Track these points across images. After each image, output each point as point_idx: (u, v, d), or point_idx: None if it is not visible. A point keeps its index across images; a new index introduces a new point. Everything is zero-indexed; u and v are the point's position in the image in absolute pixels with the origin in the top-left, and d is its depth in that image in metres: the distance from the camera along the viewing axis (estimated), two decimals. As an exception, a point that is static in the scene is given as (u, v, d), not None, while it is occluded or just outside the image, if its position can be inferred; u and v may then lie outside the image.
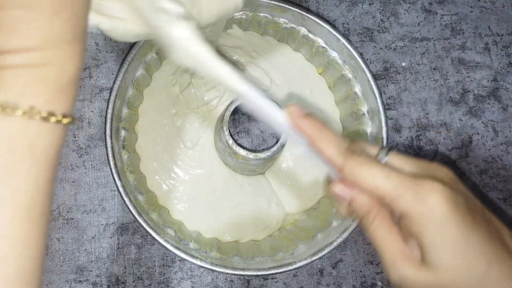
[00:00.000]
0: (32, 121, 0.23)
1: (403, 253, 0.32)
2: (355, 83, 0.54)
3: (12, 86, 0.23)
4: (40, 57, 0.23)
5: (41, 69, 0.23)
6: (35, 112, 0.23)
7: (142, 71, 0.53)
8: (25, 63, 0.23)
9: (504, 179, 0.58)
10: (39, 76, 0.23)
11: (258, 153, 0.48)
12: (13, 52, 0.22)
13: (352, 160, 0.32)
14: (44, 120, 0.23)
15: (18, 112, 0.22)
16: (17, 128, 0.23)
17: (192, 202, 0.53)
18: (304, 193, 0.55)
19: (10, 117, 0.22)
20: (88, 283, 0.52)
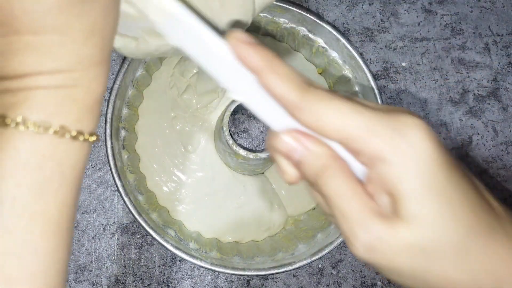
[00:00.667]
0: (62, 140, 0.24)
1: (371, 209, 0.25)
2: (355, 83, 0.54)
3: (45, 106, 0.24)
4: (71, 78, 0.24)
5: (72, 90, 0.24)
6: (65, 131, 0.24)
7: (142, 71, 0.53)
8: (57, 84, 0.24)
9: (504, 179, 0.58)
10: (69, 97, 0.24)
11: (258, 153, 0.48)
12: (46, 73, 0.23)
13: (312, 94, 0.25)
14: (73, 139, 0.24)
15: (50, 131, 0.23)
16: (48, 147, 0.24)
17: (195, 204, 0.53)
18: (305, 194, 0.55)
19: (42, 136, 0.23)
20: (88, 283, 0.52)
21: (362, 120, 0.25)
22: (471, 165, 0.58)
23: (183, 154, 0.53)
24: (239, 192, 0.54)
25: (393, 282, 0.32)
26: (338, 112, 0.25)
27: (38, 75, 0.23)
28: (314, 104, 0.25)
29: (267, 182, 0.54)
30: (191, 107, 0.54)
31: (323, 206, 0.28)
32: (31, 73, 0.23)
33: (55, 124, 0.24)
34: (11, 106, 0.23)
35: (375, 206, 0.25)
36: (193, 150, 0.54)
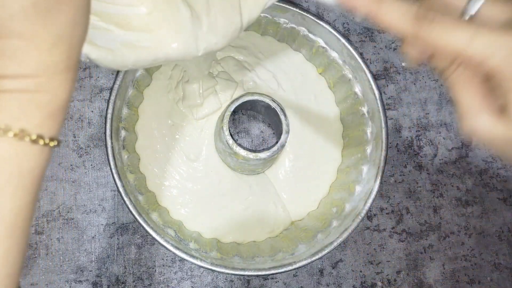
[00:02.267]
0: (22, 143, 0.24)
1: (481, 103, 0.29)
2: (355, 83, 0.54)
3: (6, 109, 0.24)
4: (35, 84, 0.24)
5: (35, 95, 0.24)
6: (25, 134, 0.24)
7: (142, 71, 0.53)
8: (21, 89, 0.24)
9: (504, 179, 0.58)
10: (32, 102, 0.24)
11: (258, 153, 0.48)
12: (11, 77, 0.24)
13: (427, 24, 0.28)
14: (33, 142, 0.24)
15: (10, 134, 0.24)
16: (7, 149, 0.24)
17: (199, 208, 0.53)
18: (306, 197, 0.55)
19: (1, 138, 0.24)
20: (88, 283, 0.52)
21: (478, 44, 0.27)
22: (471, 165, 0.58)
23: (186, 163, 0.53)
24: (245, 193, 0.54)
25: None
26: (454, 39, 0.27)
27: (1, 78, 0.24)
28: (430, 33, 0.28)
29: (268, 181, 0.54)
30: (188, 116, 0.54)
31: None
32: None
33: (15, 127, 0.24)
34: None
35: (486, 103, 0.29)
36: (195, 159, 0.54)
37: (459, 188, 0.58)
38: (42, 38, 0.24)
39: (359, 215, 0.49)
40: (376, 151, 0.52)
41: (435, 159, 0.58)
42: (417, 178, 0.57)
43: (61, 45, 0.24)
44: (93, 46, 0.31)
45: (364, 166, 0.52)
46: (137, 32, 0.33)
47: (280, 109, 0.49)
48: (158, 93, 0.54)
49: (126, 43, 0.32)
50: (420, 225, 0.57)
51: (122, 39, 0.32)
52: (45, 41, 0.24)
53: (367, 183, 0.51)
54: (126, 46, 0.32)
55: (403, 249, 0.56)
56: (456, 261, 0.56)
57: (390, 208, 0.57)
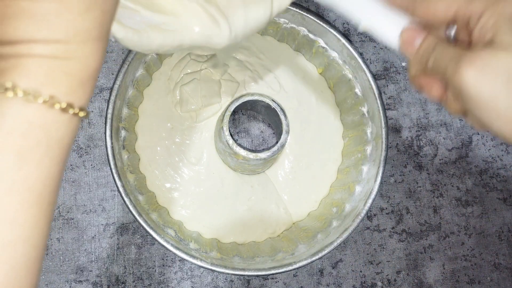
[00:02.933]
0: (51, 110, 0.24)
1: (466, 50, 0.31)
2: (355, 83, 0.54)
3: (36, 74, 0.23)
4: (65, 50, 0.24)
5: (65, 61, 0.24)
6: (55, 101, 0.24)
7: (142, 71, 0.53)
8: (51, 54, 0.23)
9: (504, 179, 0.58)
10: (62, 68, 0.24)
11: (258, 153, 0.48)
12: (41, 42, 0.23)
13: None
14: (62, 111, 0.24)
15: (39, 100, 0.23)
16: (36, 116, 0.24)
17: (202, 210, 0.53)
18: (307, 199, 0.55)
19: (31, 104, 0.23)
20: (88, 283, 0.52)
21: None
22: (471, 165, 0.58)
23: (188, 166, 0.53)
24: (248, 193, 0.54)
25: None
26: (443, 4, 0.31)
27: (31, 42, 0.23)
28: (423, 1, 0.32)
29: (269, 181, 0.54)
30: (187, 119, 0.54)
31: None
32: (24, 40, 0.23)
33: (45, 93, 0.23)
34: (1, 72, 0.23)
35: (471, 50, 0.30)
36: (197, 162, 0.54)
37: (459, 188, 0.58)
38: (75, 2, 0.23)
39: (359, 215, 0.49)
40: (376, 151, 0.52)
41: (435, 159, 0.58)
42: (417, 178, 0.57)
43: (93, 10, 0.24)
44: (120, 25, 0.30)
45: (364, 166, 0.52)
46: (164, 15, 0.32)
47: (280, 109, 0.49)
48: (158, 93, 0.54)
49: (152, 25, 0.32)
50: (420, 225, 0.57)
51: (148, 21, 0.32)
52: (78, 5, 0.23)
53: (367, 183, 0.51)
54: (152, 28, 0.32)
55: (403, 249, 0.56)
56: (456, 261, 0.56)
57: (390, 208, 0.57)
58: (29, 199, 0.24)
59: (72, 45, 0.24)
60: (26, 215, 0.24)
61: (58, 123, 0.24)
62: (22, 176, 0.23)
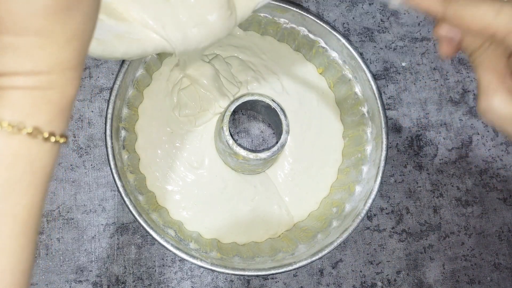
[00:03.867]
0: (35, 141, 0.24)
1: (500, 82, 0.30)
2: (355, 83, 0.54)
3: (20, 106, 0.24)
4: (47, 80, 0.24)
5: (47, 91, 0.24)
6: (38, 132, 0.24)
7: (142, 71, 0.53)
8: (34, 85, 0.24)
9: (504, 179, 0.58)
10: (44, 98, 0.24)
11: (258, 153, 0.48)
12: (24, 74, 0.24)
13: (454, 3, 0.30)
14: (45, 140, 0.25)
15: (24, 131, 0.24)
16: (21, 147, 0.24)
17: (204, 211, 0.53)
18: (307, 200, 0.55)
19: (15, 136, 0.24)
20: (88, 283, 0.52)
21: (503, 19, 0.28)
22: (471, 165, 0.58)
23: (189, 170, 0.53)
24: (251, 194, 0.54)
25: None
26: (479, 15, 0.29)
27: (15, 75, 0.24)
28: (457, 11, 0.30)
29: (270, 181, 0.54)
30: (186, 123, 0.54)
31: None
32: (8, 72, 0.24)
33: (28, 124, 0.24)
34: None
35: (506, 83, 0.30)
36: (199, 166, 0.54)
37: (459, 188, 0.58)
38: (59, 35, 0.24)
39: (359, 215, 0.49)
40: (376, 151, 0.52)
41: (435, 159, 0.58)
42: (417, 178, 0.57)
43: (75, 41, 0.24)
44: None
45: (364, 166, 0.52)
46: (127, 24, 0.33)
47: (280, 109, 0.49)
48: (158, 94, 0.54)
49: (116, 34, 0.32)
50: (420, 225, 0.57)
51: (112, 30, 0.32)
52: (61, 38, 0.24)
53: (367, 183, 0.51)
54: (116, 37, 0.32)
55: (403, 249, 0.56)
56: (456, 261, 0.56)
57: (390, 208, 0.57)
58: (16, 229, 0.24)
59: (53, 75, 0.24)
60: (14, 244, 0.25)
61: (41, 152, 0.25)
62: (8, 207, 0.24)
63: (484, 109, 0.30)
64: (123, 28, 0.33)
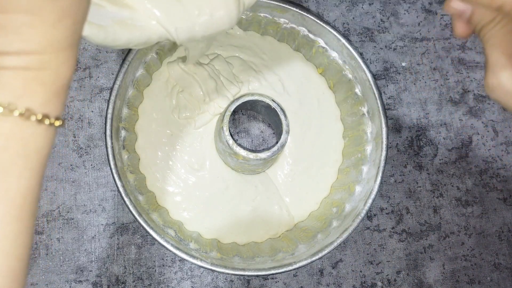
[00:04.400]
0: (27, 123, 0.24)
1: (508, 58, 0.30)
2: (355, 83, 0.54)
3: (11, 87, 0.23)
4: (39, 61, 0.24)
5: (39, 72, 0.24)
6: (31, 113, 0.24)
7: (142, 71, 0.53)
8: (25, 66, 0.23)
9: (504, 179, 0.58)
10: (36, 79, 0.24)
11: (258, 153, 0.48)
12: (14, 54, 0.23)
13: None
14: (38, 122, 0.24)
15: (15, 113, 0.23)
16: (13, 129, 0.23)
17: (205, 212, 0.53)
18: (308, 200, 0.55)
19: (7, 117, 0.23)
20: (88, 283, 0.52)
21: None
22: (471, 165, 0.58)
23: (191, 172, 0.53)
24: (253, 194, 0.54)
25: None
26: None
27: (5, 54, 0.23)
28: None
29: (271, 181, 0.54)
30: (186, 126, 0.54)
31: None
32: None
33: (20, 106, 0.23)
34: None
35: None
36: (200, 168, 0.53)
37: (459, 188, 0.58)
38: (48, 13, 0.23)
39: (359, 215, 0.49)
40: (376, 151, 0.52)
41: (435, 159, 0.58)
42: (417, 178, 0.57)
43: (66, 20, 0.24)
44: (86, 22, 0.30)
45: (364, 166, 0.52)
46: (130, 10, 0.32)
47: (280, 109, 0.49)
48: (158, 95, 0.54)
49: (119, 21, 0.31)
50: (420, 225, 0.57)
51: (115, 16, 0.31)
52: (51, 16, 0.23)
53: (367, 183, 0.51)
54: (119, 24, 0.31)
55: (403, 249, 0.56)
56: (456, 261, 0.56)
57: (390, 208, 0.57)
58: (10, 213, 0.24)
59: (45, 55, 0.24)
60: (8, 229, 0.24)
61: (35, 134, 0.24)
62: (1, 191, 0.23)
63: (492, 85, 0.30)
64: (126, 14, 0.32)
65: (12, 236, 0.24)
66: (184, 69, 0.53)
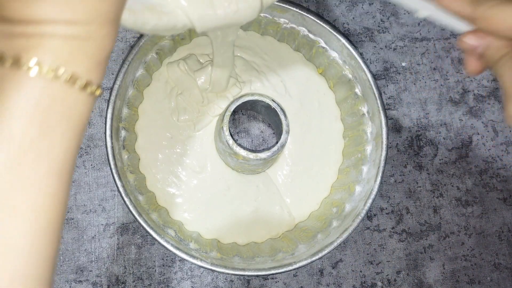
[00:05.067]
0: (72, 89, 0.25)
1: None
2: (355, 83, 0.54)
3: (59, 53, 0.25)
4: (86, 31, 0.25)
5: (85, 42, 0.25)
6: (76, 79, 0.25)
7: (142, 71, 0.53)
8: (72, 35, 0.25)
9: (504, 179, 0.58)
10: (82, 49, 0.25)
11: (259, 153, 0.48)
12: (64, 23, 0.25)
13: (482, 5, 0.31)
14: (81, 89, 0.25)
15: (62, 77, 0.25)
16: (59, 92, 0.25)
17: (206, 213, 0.53)
18: (308, 200, 0.55)
19: (54, 82, 0.25)
20: (88, 283, 0.52)
21: None
22: (471, 165, 0.58)
23: (192, 175, 0.53)
24: (254, 194, 0.54)
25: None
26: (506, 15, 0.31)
27: (55, 23, 0.24)
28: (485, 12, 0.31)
29: (271, 181, 0.54)
30: (185, 129, 0.54)
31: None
32: (48, 20, 0.24)
33: (67, 71, 0.25)
34: (25, 50, 0.24)
35: None
36: (201, 170, 0.53)
37: (459, 188, 0.58)
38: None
39: (359, 215, 0.49)
40: (376, 151, 0.52)
41: (435, 159, 0.58)
42: (417, 178, 0.57)
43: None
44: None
45: (364, 166, 0.52)
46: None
47: (280, 109, 0.49)
48: (158, 94, 0.54)
49: (149, 7, 0.33)
50: (420, 225, 0.57)
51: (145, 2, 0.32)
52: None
53: (367, 183, 0.51)
54: (148, 9, 0.33)
55: (403, 249, 0.56)
56: (456, 261, 0.56)
57: (390, 208, 0.57)
58: (52, 171, 0.25)
59: (92, 26, 0.25)
60: (50, 185, 0.25)
61: (78, 100, 0.25)
62: (45, 148, 0.25)
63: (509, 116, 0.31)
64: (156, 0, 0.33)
65: (52, 193, 0.25)
66: (183, 71, 0.53)
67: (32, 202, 0.25)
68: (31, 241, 0.25)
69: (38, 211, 0.25)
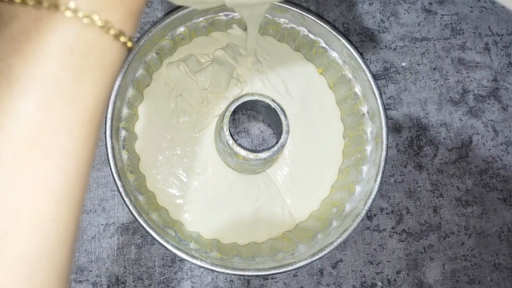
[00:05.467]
0: (106, 36, 0.25)
1: None
2: (355, 83, 0.54)
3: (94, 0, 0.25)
4: None
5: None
6: (110, 27, 0.25)
7: (142, 71, 0.53)
8: None
9: (504, 179, 0.58)
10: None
11: (259, 153, 0.48)
12: None
13: None
14: (115, 37, 0.25)
15: (97, 23, 0.25)
16: (94, 39, 0.25)
17: (207, 214, 0.53)
18: (308, 201, 0.55)
19: (90, 26, 0.25)
20: (88, 283, 0.52)
21: None
22: (471, 165, 0.58)
23: (193, 176, 0.53)
24: (256, 194, 0.54)
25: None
26: None
27: None
28: None
29: (272, 181, 0.54)
30: (185, 131, 0.54)
31: None
32: None
33: (102, 18, 0.25)
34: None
35: None
36: (202, 172, 0.53)
37: (459, 188, 0.58)
38: None
39: (359, 215, 0.49)
40: (376, 151, 0.52)
41: (435, 159, 0.58)
42: (417, 178, 0.57)
43: None
44: None
45: (364, 166, 0.52)
46: None
47: (280, 109, 0.49)
48: (158, 94, 0.54)
49: None
50: (420, 225, 0.57)
51: None
52: None
53: (367, 183, 0.51)
54: None
55: (403, 249, 0.56)
56: (456, 261, 0.56)
57: (390, 208, 0.57)
58: (84, 117, 0.25)
59: None
60: (81, 130, 0.25)
61: (111, 48, 0.25)
62: (78, 94, 0.25)
63: None
64: None
65: (83, 140, 0.25)
66: (183, 72, 0.53)
67: (62, 146, 0.24)
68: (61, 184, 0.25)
69: (68, 156, 0.25)
